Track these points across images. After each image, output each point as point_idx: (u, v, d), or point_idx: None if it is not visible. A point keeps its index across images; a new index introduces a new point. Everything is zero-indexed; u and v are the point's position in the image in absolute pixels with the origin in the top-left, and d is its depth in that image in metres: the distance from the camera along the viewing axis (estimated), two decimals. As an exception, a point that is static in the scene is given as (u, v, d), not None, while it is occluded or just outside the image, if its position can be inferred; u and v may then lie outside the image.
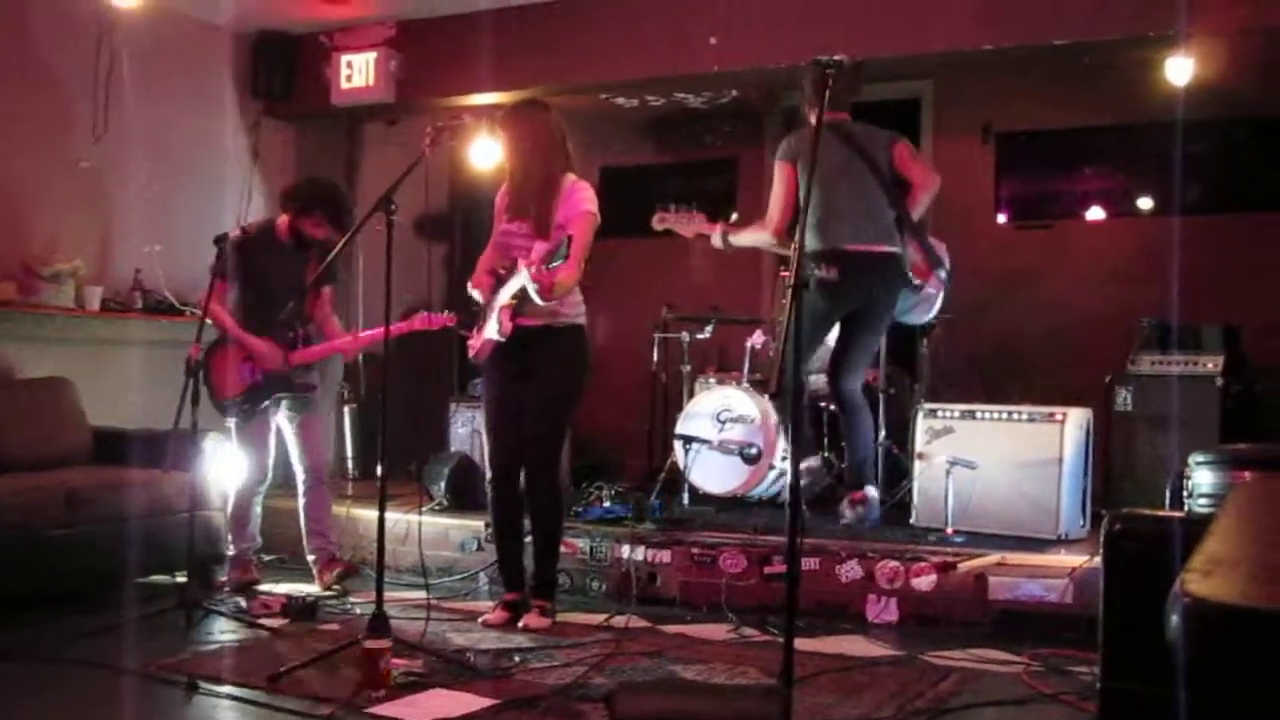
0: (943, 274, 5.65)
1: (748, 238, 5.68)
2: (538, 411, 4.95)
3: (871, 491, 5.62)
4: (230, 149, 7.71)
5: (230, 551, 5.81)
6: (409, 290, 6.98)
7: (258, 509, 5.82)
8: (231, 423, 5.74)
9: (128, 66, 6.87)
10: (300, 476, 5.82)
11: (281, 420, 5.81)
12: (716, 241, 5.75)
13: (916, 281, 5.54)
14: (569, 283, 4.86)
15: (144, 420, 6.22)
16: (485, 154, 6.56)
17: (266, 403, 5.73)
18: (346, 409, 7.57)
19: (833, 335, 5.69)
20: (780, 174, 5.50)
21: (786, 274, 5.39)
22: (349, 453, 7.59)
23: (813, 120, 5.58)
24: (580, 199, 4.94)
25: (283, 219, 5.76)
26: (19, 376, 6.36)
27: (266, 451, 5.80)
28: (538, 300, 4.75)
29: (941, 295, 5.95)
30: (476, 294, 5.01)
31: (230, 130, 7.71)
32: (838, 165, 5.34)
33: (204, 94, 7.54)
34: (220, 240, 5.37)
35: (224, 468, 5.90)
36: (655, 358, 7.22)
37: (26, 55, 6.53)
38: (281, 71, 7.80)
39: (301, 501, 5.82)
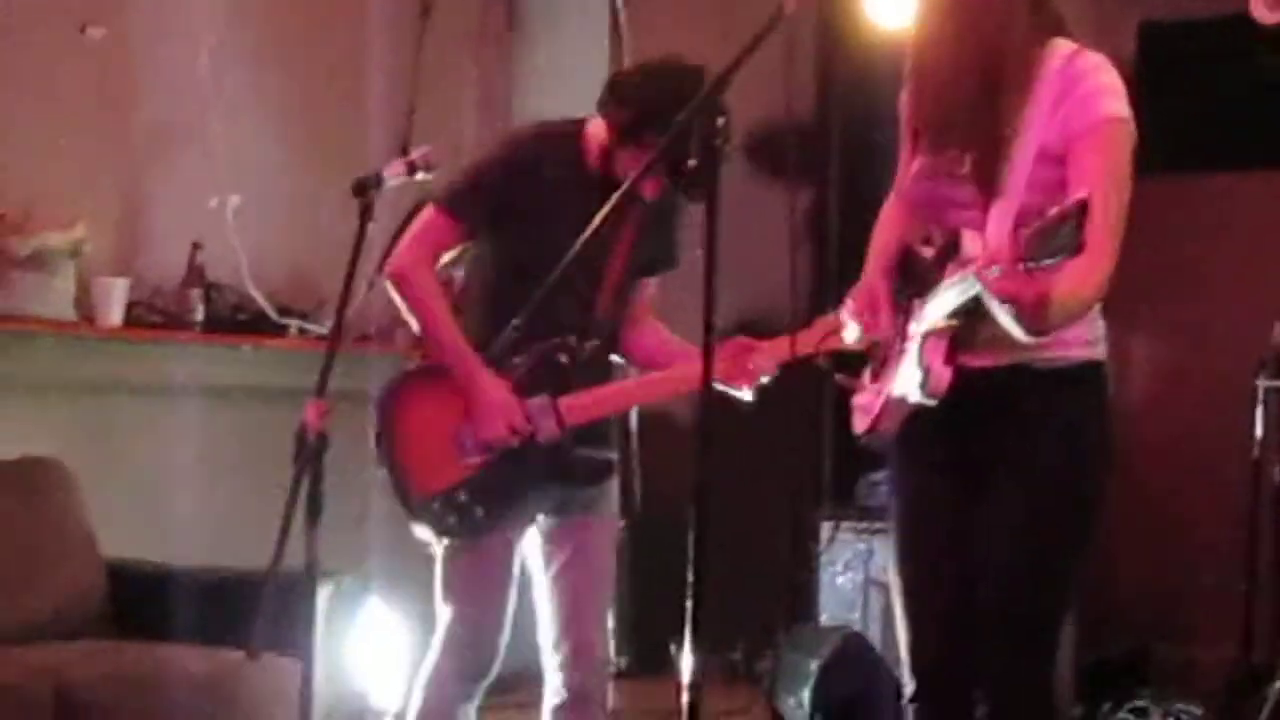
0: None
1: None
2: (1010, 550, 4.40)
3: None
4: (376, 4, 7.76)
5: None
6: (744, 282, 6.61)
7: None
8: (437, 546, 5.27)
9: None
10: (555, 676, 5.37)
11: (532, 548, 5.38)
12: None
13: None
14: (1086, 296, 4.22)
15: (209, 550, 6.18)
16: (895, 12, 6.36)
17: (515, 508, 5.24)
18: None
19: None
20: None
21: None
22: (608, 622, 7.32)
23: None
24: (1092, 91, 4.26)
25: (596, 128, 5.32)
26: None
27: (501, 609, 5.28)
28: (1016, 331, 4.09)
29: None
30: (853, 324, 4.57)
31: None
32: None
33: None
34: (362, 189, 4.76)
35: (380, 647, 6.13)
36: (1258, 429, 6.86)
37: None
38: None
39: None
